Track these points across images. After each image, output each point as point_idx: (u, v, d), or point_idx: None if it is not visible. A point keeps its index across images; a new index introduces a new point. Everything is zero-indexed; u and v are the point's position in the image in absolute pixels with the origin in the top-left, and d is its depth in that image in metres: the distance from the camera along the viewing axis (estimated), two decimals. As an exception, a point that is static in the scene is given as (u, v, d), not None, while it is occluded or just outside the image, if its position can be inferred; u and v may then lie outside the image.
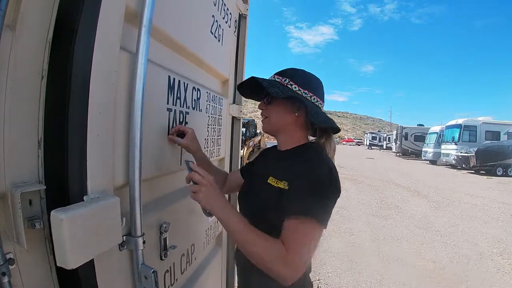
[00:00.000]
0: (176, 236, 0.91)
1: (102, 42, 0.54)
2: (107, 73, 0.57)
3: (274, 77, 0.84)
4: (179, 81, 0.91)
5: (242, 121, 1.67)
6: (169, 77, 0.85)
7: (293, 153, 0.84)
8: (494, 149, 12.33)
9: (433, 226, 4.73)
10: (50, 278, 0.53)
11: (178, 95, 0.91)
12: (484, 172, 12.38)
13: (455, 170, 13.88)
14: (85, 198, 0.52)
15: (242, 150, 6.85)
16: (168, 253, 0.85)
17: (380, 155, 24.25)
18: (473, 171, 12.77)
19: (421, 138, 20.87)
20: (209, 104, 1.19)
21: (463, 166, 13.11)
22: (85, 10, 0.51)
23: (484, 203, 6.52)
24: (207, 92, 1.17)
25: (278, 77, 0.83)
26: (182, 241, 1.00)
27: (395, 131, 26.27)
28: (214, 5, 1.17)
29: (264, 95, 0.87)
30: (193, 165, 0.74)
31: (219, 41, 1.26)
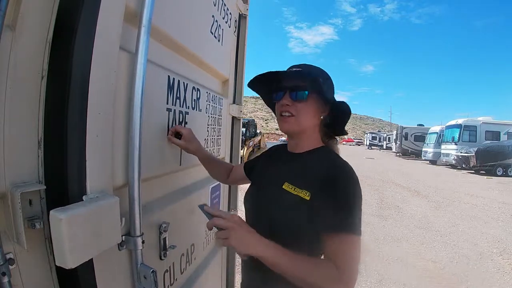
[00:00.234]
0: (175, 236, 0.92)
1: (102, 42, 0.54)
2: (107, 73, 0.57)
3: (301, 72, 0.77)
4: (179, 81, 0.91)
5: (242, 121, 1.67)
6: (168, 77, 0.85)
7: (310, 157, 0.79)
8: (494, 149, 12.32)
9: (433, 226, 4.73)
10: (50, 278, 0.54)
11: (178, 95, 0.91)
12: (484, 172, 12.36)
13: (455, 170, 13.87)
14: (84, 198, 0.52)
15: (242, 150, 6.86)
16: (167, 253, 0.85)
17: (380, 155, 24.24)
18: (473, 171, 12.76)
19: (421, 138, 20.85)
20: (209, 104, 1.19)
21: (463, 166, 13.09)
22: (84, 10, 0.51)
23: (484, 203, 6.51)
24: (207, 92, 1.17)
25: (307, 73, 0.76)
26: (182, 241, 1.00)
27: (395, 131, 26.26)
28: (214, 5, 1.17)
29: (290, 89, 0.75)
30: (209, 208, 0.66)
31: (219, 41, 1.26)
